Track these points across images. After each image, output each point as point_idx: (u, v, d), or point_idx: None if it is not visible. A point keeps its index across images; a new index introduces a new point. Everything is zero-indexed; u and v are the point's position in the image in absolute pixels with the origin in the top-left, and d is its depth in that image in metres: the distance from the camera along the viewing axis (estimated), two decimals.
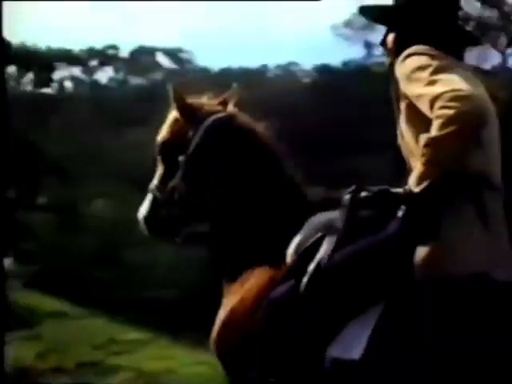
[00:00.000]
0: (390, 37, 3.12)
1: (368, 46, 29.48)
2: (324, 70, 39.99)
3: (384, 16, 3.20)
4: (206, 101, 3.76)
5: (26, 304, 12.34)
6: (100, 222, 16.63)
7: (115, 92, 38.89)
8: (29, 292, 13.49)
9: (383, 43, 3.18)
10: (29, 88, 40.89)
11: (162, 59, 43.39)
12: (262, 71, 37.41)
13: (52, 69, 39.63)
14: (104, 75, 42.06)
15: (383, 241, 2.93)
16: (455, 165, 2.74)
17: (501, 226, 2.89)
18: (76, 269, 15.52)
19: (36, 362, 9.31)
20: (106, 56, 40.34)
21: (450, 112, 2.64)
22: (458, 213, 2.83)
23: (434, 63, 2.82)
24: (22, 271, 14.84)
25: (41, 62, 38.59)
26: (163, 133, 3.74)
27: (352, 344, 2.89)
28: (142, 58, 41.54)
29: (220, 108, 3.70)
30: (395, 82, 2.97)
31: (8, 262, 14.75)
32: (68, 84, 41.06)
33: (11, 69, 42.73)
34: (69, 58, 39.43)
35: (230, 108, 3.72)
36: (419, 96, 2.79)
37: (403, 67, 2.90)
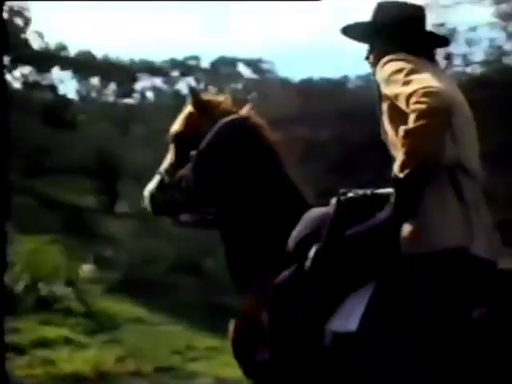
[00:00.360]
0: (372, 53, 3.52)
1: (448, 57, 29.10)
2: None
3: (364, 35, 3.58)
4: (223, 99, 3.99)
5: (106, 309, 12.53)
6: (179, 229, 16.78)
7: None
8: (109, 298, 13.69)
9: (368, 58, 3.55)
10: (111, 99, 41.61)
11: (243, 69, 43.77)
12: (342, 82, 37.24)
13: (134, 80, 40.25)
14: (185, 85, 42.56)
15: (376, 224, 3.27)
16: (432, 151, 3.08)
17: (476, 206, 3.22)
18: (155, 275, 15.69)
19: (115, 366, 9.45)
20: (187, 67, 40.83)
21: (423, 106, 3.00)
22: (436, 193, 3.15)
23: (408, 66, 3.19)
24: (103, 278, 15.07)
25: (123, 73, 39.12)
26: (177, 124, 4.01)
27: (349, 317, 3.18)
28: (223, 68, 41.94)
29: (235, 109, 3.93)
30: (377, 86, 3.36)
31: (89, 268, 15.01)
32: (149, 94, 41.68)
33: (94, 80, 43.61)
34: (151, 69, 40.03)
35: (245, 110, 3.94)
36: (397, 95, 3.16)
37: (382, 72, 3.28)
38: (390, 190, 3.28)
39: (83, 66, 43.75)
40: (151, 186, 4.09)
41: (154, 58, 42.39)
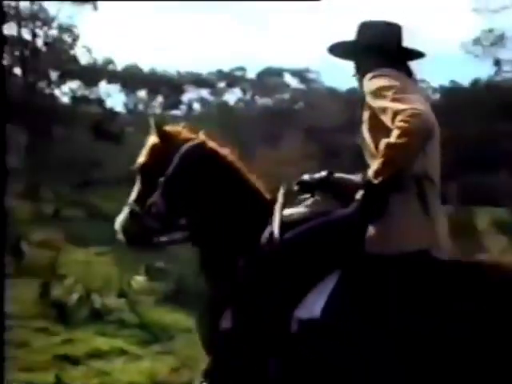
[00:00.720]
0: (359, 70, 3.83)
1: (497, 63, 28.87)
2: (452, 87, 39.35)
3: (350, 53, 3.90)
4: (182, 128, 4.32)
5: (159, 320, 12.59)
6: None
7: (242, 112, 39.23)
8: (162, 308, 13.75)
9: (355, 74, 3.88)
10: (158, 111, 41.94)
11: (289, 79, 43.80)
12: None
13: (181, 91, 40.51)
14: (232, 96, 42.76)
15: (342, 217, 3.59)
16: (406, 166, 3.42)
17: (438, 212, 3.57)
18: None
19: (170, 376, 9.48)
20: (233, 78, 41.02)
21: (408, 126, 3.28)
22: (403, 200, 3.47)
23: (397, 83, 3.49)
24: (155, 288, 15.15)
25: (170, 85, 39.34)
26: (143, 156, 4.29)
27: (313, 306, 3.47)
28: (269, 78, 42.02)
29: (193, 136, 4.25)
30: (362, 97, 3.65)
31: (141, 279, 15.12)
32: (196, 106, 41.93)
33: (141, 93, 43.96)
34: (197, 80, 40.25)
35: (201, 136, 4.24)
36: (385, 109, 3.44)
37: (370, 85, 3.56)
38: (345, 176, 3.72)
39: (130, 79, 44.18)
40: (122, 217, 4.28)
41: (201, 70, 42.59)
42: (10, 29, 34.89)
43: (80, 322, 11.24)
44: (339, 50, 3.94)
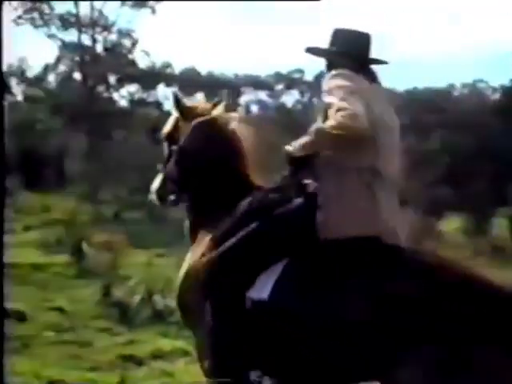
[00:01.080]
0: (330, 69, 4.15)
1: None
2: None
3: (324, 54, 4.30)
4: (201, 103, 4.79)
5: None
6: None
7: (300, 114, 39.20)
8: None
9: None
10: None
11: None
12: (448, 91, 36.72)
13: (239, 94, 40.62)
14: (289, 98, 42.75)
15: (293, 208, 3.96)
16: (321, 152, 3.87)
17: (388, 203, 3.89)
18: None
19: None
20: (291, 80, 41.02)
21: (344, 122, 3.64)
22: (351, 190, 3.83)
23: (350, 85, 3.86)
24: None
25: (228, 88, 39.54)
26: (167, 126, 4.70)
27: (263, 288, 3.83)
28: None
29: (208, 111, 4.69)
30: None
31: None
32: (254, 108, 41.97)
33: (199, 96, 44.18)
34: (255, 83, 40.34)
35: (217, 111, 4.71)
36: (332, 104, 3.78)
37: (327, 83, 3.96)
38: None
39: (188, 82, 44.44)
40: (156, 183, 4.88)
41: (259, 72, 42.72)
42: (70, 35, 35.48)
43: (142, 323, 11.32)
44: (314, 51, 4.34)
